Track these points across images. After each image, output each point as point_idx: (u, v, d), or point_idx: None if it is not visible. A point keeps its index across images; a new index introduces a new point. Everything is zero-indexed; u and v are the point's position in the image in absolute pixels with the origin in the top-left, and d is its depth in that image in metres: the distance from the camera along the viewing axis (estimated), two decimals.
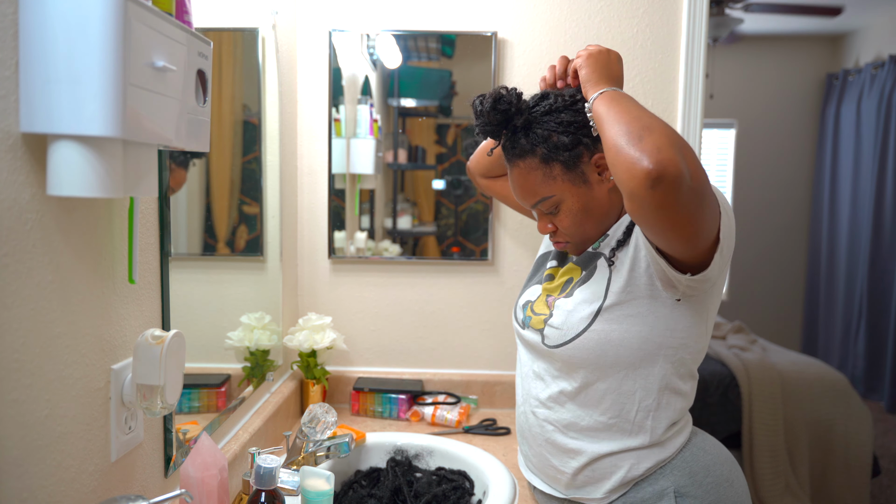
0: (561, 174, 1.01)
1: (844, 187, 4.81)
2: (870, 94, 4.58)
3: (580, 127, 1.00)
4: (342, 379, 1.75)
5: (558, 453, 1.07)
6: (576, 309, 1.02)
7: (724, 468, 1.05)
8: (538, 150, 1.01)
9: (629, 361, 1.00)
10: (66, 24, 0.61)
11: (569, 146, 1.00)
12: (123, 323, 0.85)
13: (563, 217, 1.04)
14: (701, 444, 1.07)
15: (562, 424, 1.05)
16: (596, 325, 0.99)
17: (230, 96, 1.28)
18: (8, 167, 0.63)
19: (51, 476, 0.70)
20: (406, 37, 1.71)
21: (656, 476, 1.02)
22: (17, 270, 0.64)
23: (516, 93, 1.03)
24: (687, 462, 1.03)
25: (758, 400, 2.78)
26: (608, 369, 1.01)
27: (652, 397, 1.01)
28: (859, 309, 4.61)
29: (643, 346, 0.99)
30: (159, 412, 0.81)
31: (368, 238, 1.78)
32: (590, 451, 1.03)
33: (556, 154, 1.00)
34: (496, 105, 1.01)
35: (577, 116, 1.01)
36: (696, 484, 1.01)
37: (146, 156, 0.75)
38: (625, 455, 1.02)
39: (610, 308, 0.99)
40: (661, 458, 1.02)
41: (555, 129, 1.00)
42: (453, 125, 1.75)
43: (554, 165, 1.01)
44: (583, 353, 1.00)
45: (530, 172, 1.03)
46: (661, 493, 1.00)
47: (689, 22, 1.65)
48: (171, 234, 0.98)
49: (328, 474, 1.00)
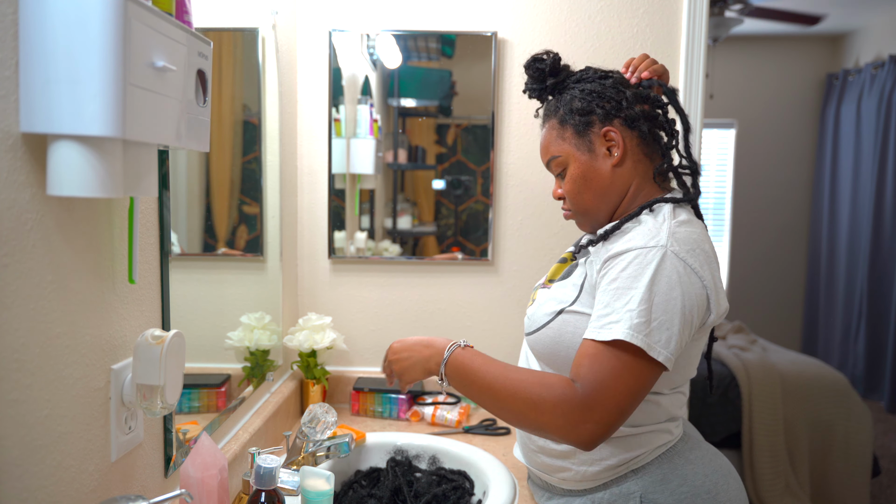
0: (571, 137, 1.06)
1: (844, 187, 4.81)
2: (870, 94, 4.58)
3: (598, 97, 1.04)
4: (342, 379, 1.75)
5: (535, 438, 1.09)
6: (545, 303, 1.05)
7: (707, 480, 1.01)
8: (559, 112, 1.07)
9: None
10: (66, 24, 0.61)
11: (582, 111, 1.04)
12: (123, 323, 0.85)
13: (567, 182, 1.08)
14: (686, 453, 1.04)
15: None
16: (555, 322, 1.02)
17: (230, 96, 1.28)
18: (8, 167, 0.63)
19: (51, 476, 0.70)
20: (406, 37, 1.71)
21: (624, 478, 1.02)
22: (17, 270, 0.64)
23: (555, 57, 1.09)
24: (662, 469, 1.01)
25: (758, 400, 2.78)
26: (562, 367, 1.02)
27: None
28: (859, 309, 4.61)
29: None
30: (159, 412, 0.81)
31: (368, 238, 1.78)
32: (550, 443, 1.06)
33: (571, 117, 1.05)
34: (533, 63, 1.09)
35: (600, 87, 1.04)
36: (667, 492, 0.99)
37: (146, 156, 0.75)
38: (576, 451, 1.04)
39: (572, 311, 1.01)
40: (624, 459, 1.01)
41: (577, 94, 1.05)
42: (453, 125, 1.75)
43: (567, 128, 1.06)
44: (539, 346, 1.05)
45: (550, 132, 1.09)
46: (627, 496, 1.00)
47: (689, 22, 1.65)
48: (171, 234, 0.98)
49: (328, 474, 1.00)
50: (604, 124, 1.03)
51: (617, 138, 1.03)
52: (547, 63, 1.08)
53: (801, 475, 2.77)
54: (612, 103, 1.03)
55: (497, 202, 1.75)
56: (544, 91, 1.11)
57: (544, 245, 1.75)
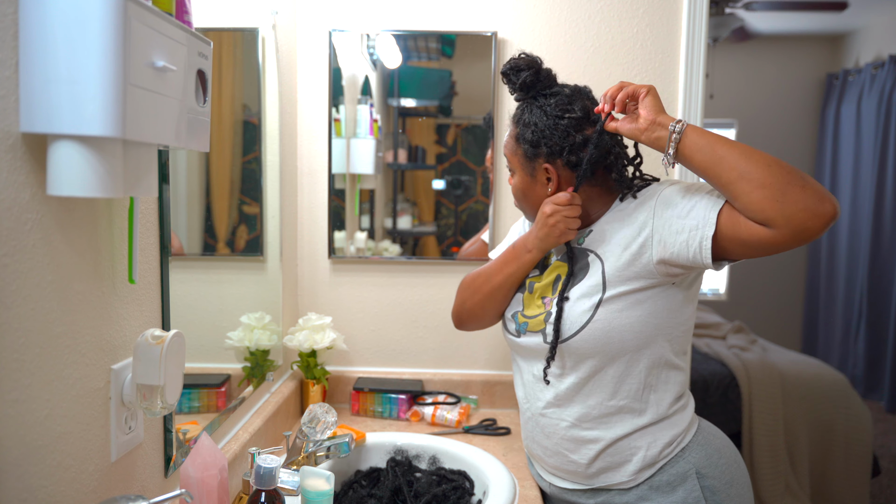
0: (521, 156, 1.16)
1: (844, 187, 4.81)
2: (870, 94, 4.58)
3: (547, 138, 1.11)
4: (342, 379, 1.75)
5: (576, 447, 1.12)
6: (577, 303, 1.09)
7: (730, 451, 1.15)
8: (518, 127, 1.16)
9: (634, 345, 1.07)
10: (65, 24, 0.61)
11: (531, 143, 1.13)
12: (123, 323, 0.85)
13: (512, 185, 1.21)
14: (707, 428, 1.16)
15: (575, 418, 1.12)
16: (599, 314, 1.06)
17: (230, 96, 1.28)
18: (8, 167, 0.63)
19: (51, 476, 0.70)
20: (406, 37, 1.71)
21: (676, 458, 1.09)
22: (17, 270, 0.64)
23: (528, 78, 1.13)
24: (701, 444, 1.11)
25: (758, 400, 2.78)
26: (615, 355, 1.07)
27: (654, 375, 1.09)
28: (859, 309, 4.61)
29: (644, 329, 1.06)
30: (159, 412, 0.81)
31: (368, 238, 1.78)
32: (606, 438, 1.10)
33: (522, 141, 1.15)
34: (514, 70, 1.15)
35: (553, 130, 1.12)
36: (712, 465, 1.09)
37: (146, 156, 0.75)
38: (638, 435, 1.09)
39: (610, 298, 1.06)
40: (674, 435, 1.09)
41: (532, 123, 1.13)
42: (453, 125, 1.75)
43: (520, 146, 1.16)
44: (589, 343, 1.07)
45: (510, 137, 1.19)
46: (685, 475, 1.08)
47: (689, 22, 1.65)
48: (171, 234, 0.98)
49: (328, 474, 1.00)
50: (546, 160, 1.13)
51: (553, 176, 1.13)
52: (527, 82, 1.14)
53: (801, 475, 2.77)
54: (558, 147, 1.11)
55: (497, 202, 1.75)
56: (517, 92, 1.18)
57: None
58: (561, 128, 1.10)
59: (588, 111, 1.12)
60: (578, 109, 1.12)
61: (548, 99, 1.13)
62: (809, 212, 0.89)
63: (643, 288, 1.05)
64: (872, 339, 4.53)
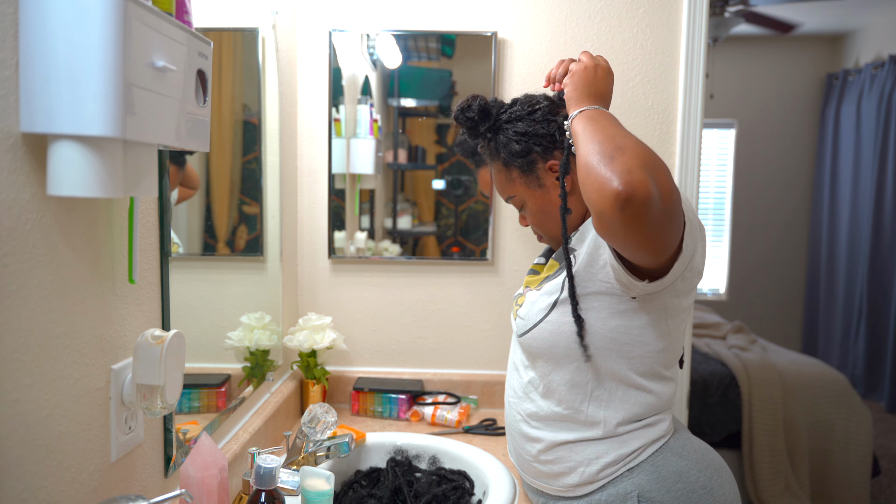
0: (518, 178, 1.10)
1: (844, 187, 4.81)
2: (870, 94, 4.58)
3: (532, 136, 1.07)
4: (342, 379, 1.75)
5: (524, 441, 1.10)
6: (538, 300, 1.07)
7: (702, 475, 1.01)
8: (500, 155, 1.11)
9: (579, 355, 1.02)
10: (65, 24, 0.61)
11: (521, 153, 1.08)
12: (123, 323, 0.85)
13: (529, 216, 1.14)
14: (678, 448, 1.04)
15: (526, 414, 1.09)
16: (551, 315, 1.03)
17: (230, 96, 1.28)
18: (8, 167, 0.63)
19: (51, 476, 0.70)
20: (406, 37, 1.71)
21: (620, 478, 1.01)
22: (17, 270, 0.64)
23: (480, 103, 1.10)
24: (656, 466, 1.01)
25: (758, 400, 2.78)
26: (561, 360, 1.03)
27: (603, 388, 1.03)
28: (859, 309, 4.61)
29: (594, 339, 1.00)
30: (159, 412, 0.81)
31: (368, 238, 1.78)
32: (546, 440, 1.06)
33: (513, 160, 1.09)
34: (461, 114, 1.11)
35: (532, 126, 1.07)
36: (664, 489, 0.99)
37: (146, 156, 0.75)
38: (581, 445, 1.03)
39: (566, 300, 1.02)
40: (621, 454, 1.02)
41: (512, 136, 1.08)
42: (453, 125, 1.74)
43: (512, 170, 1.10)
44: (538, 342, 1.05)
45: (497, 174, 1.13)
46: (625, 497, 1.00)
47: (689, 22, 1.65)
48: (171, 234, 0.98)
49: (328, 474, 1.01)
50: (546, 159, 1.08)
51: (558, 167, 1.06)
52: (474, 111, 1.10)
53: (801, 475, 2.77)
54: (547, 138, 1.07)
55: (497, 202, 1.75)
56: (481, 136, 1.14)
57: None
58: (539, 119, 1.07)
59: (551, 96, 1.11)
60: (543, 98, 1.10)
61: (509, 112, 1.10)
62: (598, 192, 0.84)
63: (600, 294, 0.99)
64: (872, 339, 4.53)
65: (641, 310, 1.00)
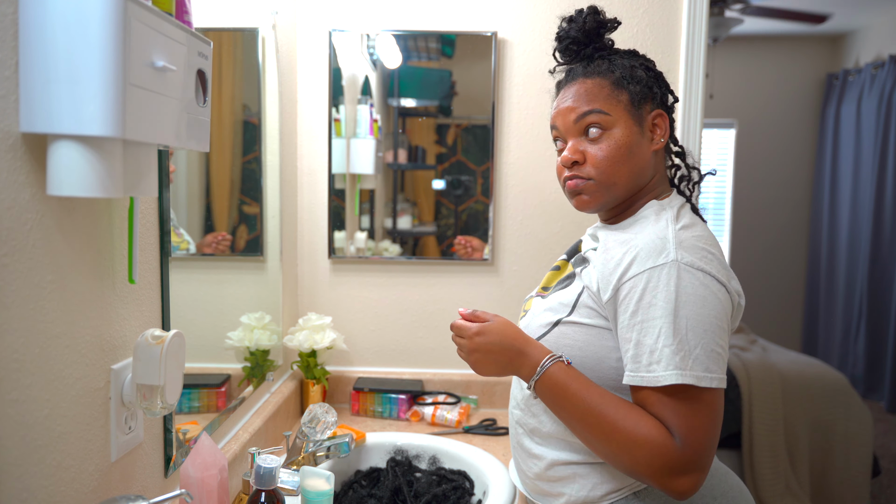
0: (626, 102, 0.97)
1: (844, 187, 4.81)
2: (870, 94, 4.58)
3: (657, 77, 1.01)
4: (342, 379, 1.75)
5: (525, 456, 1.03)
6: (540, 314, 1.00)
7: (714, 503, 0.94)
8: (614, 73, 0.98)
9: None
10: (65, 25, 0.61)
11: (644, 82, 0.98)
12: (123, 323, 0.85)
13: (604, 145, 0.97)
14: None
15: (528, 428, 1.02)
16: (551, 335, 0.96)
17: (230, 96, 1.28)
18: (8, 167, 0.63)
19: (51, 476, 0.70)
20: (406, 37, 1.71)
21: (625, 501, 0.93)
22: (17, 270, 0.64)
23: (616, 20, 1.03)
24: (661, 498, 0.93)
25: (758, 400, 2.78)
26: None
27: None
28: (859, 309, 4.61)
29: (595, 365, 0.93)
30: (159, 412, 0.81)
31: (368, 238, 1.78)
32: (549, 458, 0.98)
33: (630, 83, 0.97)
34: (594, 15, 1.00)
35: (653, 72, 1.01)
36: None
37: (146, 156, 0.75)
38: (582, 467, 0.96)
39: (569, 322, 0.95)
40: (626, 483, 0.94)
41: (636, 65, 1.00)
42: (453, 125, 1.75)
43: (622, 92, 0.97)
44: None
45: (598, 87, 0.98)
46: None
47: (689, 22, 1.65)
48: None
49: (328, 474, 1.00)
50: (655, 106, 0.99)
51: (664, 125, 0.99)
52: (603, 16, 1.01)
53: (801, 475, 2.77)
54: (664, 91, 1.01)
55: (497, 202, 1.75)
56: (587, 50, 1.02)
57: (544, 245, 1.75)
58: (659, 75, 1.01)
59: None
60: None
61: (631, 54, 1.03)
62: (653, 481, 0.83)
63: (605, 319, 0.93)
64: (872, 339, 4.53)
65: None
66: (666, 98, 1.01)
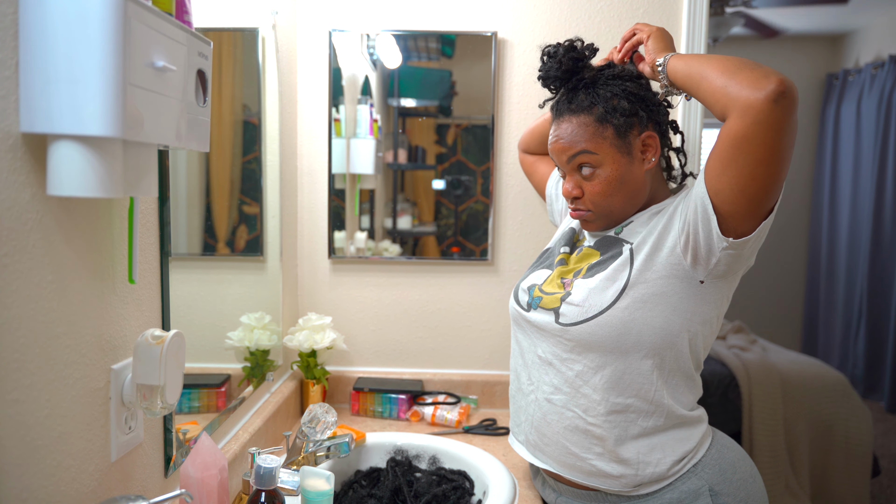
0: (611, 137, 1.04)
1: (844, 187, 4.81)
2: (870, 94, 4.58)
3: (641, 99, 1.05)
4: (342, 379, 1.75)
5: (581, 440, 1.05)
6: (599, 286, 1.02)
7: (745, 464, 1.08)
8: (596, 109, 1.04)
9: (649, 343, 1.00)
10: (65, 25, 0.61)
11: (627, 112, 1.03)
12: (123, 323, 0.85)
13: (597, 182, 1.06)
14: (721, 440, 1.10)
15: (581, 409, 1.04)
16: (620, 303, 1.00)
17: (230, 96, 1.28)
18: (8, 167, 0.63)
19: (51, 476, 0.70)
20: (406, 37, 1.71)
21: (689, 474, 1.03)
22: (17, 270, 0.64)
23: (590, 47, 1.09)
24: (715, 460, 1.05)
25: (758, 400, 2.78)
26: (628, 350, 1.00)
27: (666, 379, 1.03)
28: (859, 309, 4.61)
29: (665, 327, 1.00)
30: (159, 412, 0.81)
31: (368, 238, 1.78)
32: (610, 438, 1.02)
33: (612, 116, 1.03)
34: (570, 52, 1.07)
35: (641, 91, 1.05)
36: (727, 481, 1.04)
37: (146, 156, 0.75)
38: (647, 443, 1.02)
39: (635, 287, 1.00)
40: (686, 450, 1.04)
41: (618, 93, 1.04)
42: (453, 125, 1.75)
43: (607, 127, 1.04)
44: (603, 331, 1.00)
45: (583, 127, 1.05)
46: (697, 493, 1.02)
47: (689, 22, 1.65)
48: (171, 234, 0.98)
49: (328, 474, 1.00)
50: (643, 129, 1.05)
51: (655, 143, 1.05)
52: (579, 51, 1.08)
53: (801, 475, 2.77)
54: (652, 108, 1.06)
55: (497, 202, 1.75)
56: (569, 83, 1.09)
57: (544, 245, 1.75)
58: (645, 86, 1.07)
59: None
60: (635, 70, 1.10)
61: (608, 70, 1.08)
62: (753, 86, 0.88)
63: (670, 279, 0.99)
64: (872, 339, 4.53)
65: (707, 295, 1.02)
66: (655, 114, 1.07)
